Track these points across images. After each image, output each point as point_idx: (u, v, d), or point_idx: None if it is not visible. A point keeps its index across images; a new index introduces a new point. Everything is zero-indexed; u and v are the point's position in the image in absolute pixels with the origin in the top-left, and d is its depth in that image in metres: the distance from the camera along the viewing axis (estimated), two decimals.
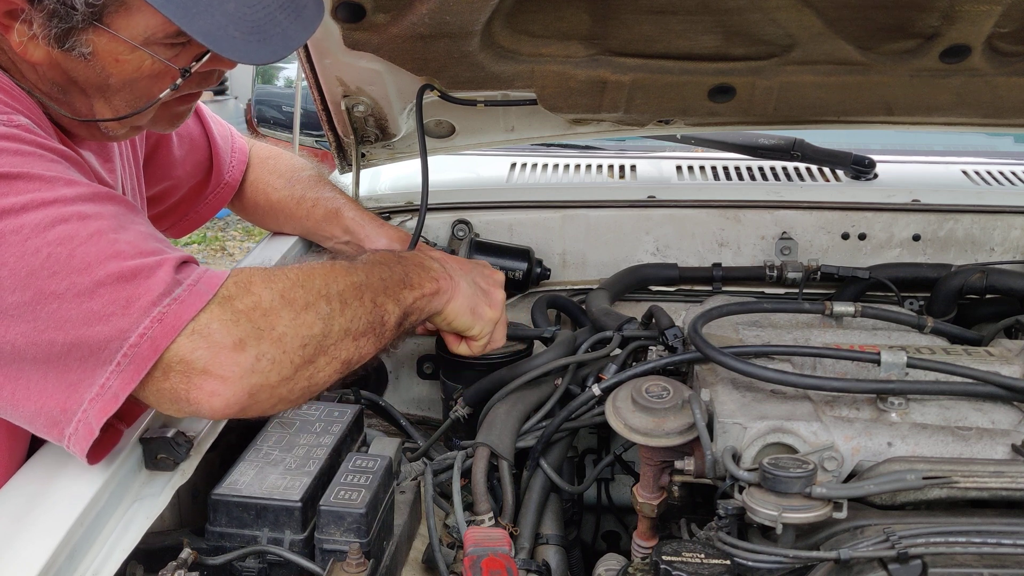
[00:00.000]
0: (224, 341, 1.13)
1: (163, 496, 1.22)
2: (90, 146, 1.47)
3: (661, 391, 1.51)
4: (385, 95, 1.99)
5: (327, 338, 1.25)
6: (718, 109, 1.99)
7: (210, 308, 1.14)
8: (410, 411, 2.30)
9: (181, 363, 1.12)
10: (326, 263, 1.34)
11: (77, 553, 1.08)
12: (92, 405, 1.10)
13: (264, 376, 1.17)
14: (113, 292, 1.10)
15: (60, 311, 1.09)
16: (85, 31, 1.20)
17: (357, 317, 1.30)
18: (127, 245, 1.13)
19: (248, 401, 1.16)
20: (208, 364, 1.12)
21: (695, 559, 1.20)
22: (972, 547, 1.20)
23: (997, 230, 2.24)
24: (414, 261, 1.50)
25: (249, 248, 5.58)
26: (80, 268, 1.09)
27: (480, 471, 1.55)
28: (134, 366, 1.10)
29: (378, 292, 1.36)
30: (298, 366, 1.21)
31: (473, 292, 1.57)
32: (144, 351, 1.10)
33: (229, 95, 9.59)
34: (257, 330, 1.17)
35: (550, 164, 2.55)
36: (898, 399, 1.42)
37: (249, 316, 1.17)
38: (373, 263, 1.41)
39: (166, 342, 1.11)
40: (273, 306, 1.20)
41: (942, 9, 1.68)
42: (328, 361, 1.25)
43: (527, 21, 1.77)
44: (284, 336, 1.19)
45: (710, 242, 2.29)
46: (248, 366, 1.15)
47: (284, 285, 1.23)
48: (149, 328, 1.10)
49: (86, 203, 1.15)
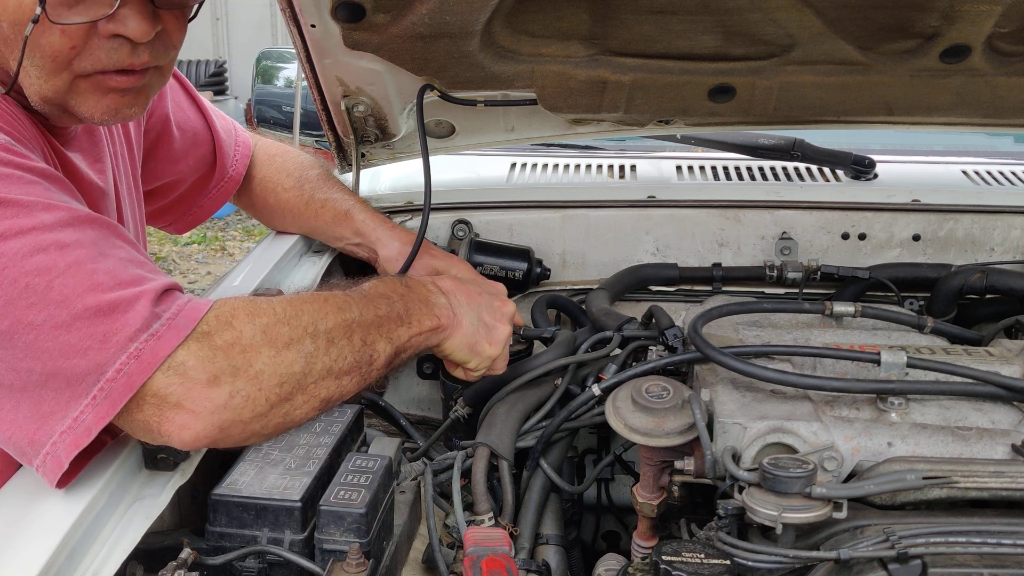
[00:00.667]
0: (199, 377, 1.12)
1: (163, 496, 1.22)
2: (80, 144, 1.45)
3: (661, 391, 1.51)
4: (385, 95, 1.99)
5: (307, 377, 1.21)
6: (718, 109, 1.99)
7: (187, 344, 1.12)
8: (410, 411, 2.30)
9: (155, 397, 1.11)
10: (319, 296, 1.30)
11: (77, 553, 1.08)
12: (62, 439, 1.09)
13: (236, 412, 1.15)
14: (90, 326, 1.08)
15: (37, 342, 1.07)
16: None
17: (342, 356, 1.26)
18: (106, 276, 1.11)
19: (219, 435, 1.15)
20: (181, 399, 1.11)
21: (695, 559, 1.20)
22: (972, 547, 1.20)
23: (997, 230, 2.24)
24: (419, 295, 1.44)
25: (249, 248, 5.58)
26: (58, 300, 1.08)
27: (480, 471, 1.55)
28: (109, 401, 1.09)
29: (370, 329, 1.31)
30: (273, 404, 1.18)
31: (475, 329, 1.51)
32: (120, 386, 1.09)
33: (229, 95, 9.61)
34: (233, 367, 1.15)
35: (550, 164, 2.55)
36: (898, 399, 1.42)
37: (227, 352, 1.15)
38: (372, 296, 1.37)
39: (142, 378, 1.09)
40: (253, 342, 1.17)
41: (942, 9, 1.68)
42: (306, 399, 1.23)
43: (527, 21, 1.77)
44: (261, 374, 1.17)
45: (710, 242, 2.29)
46: (221, 402, 1.13)
47: (268, 321, 1.20)
48: (126, 364, 1.09)
49: (65, 229, 1.12)
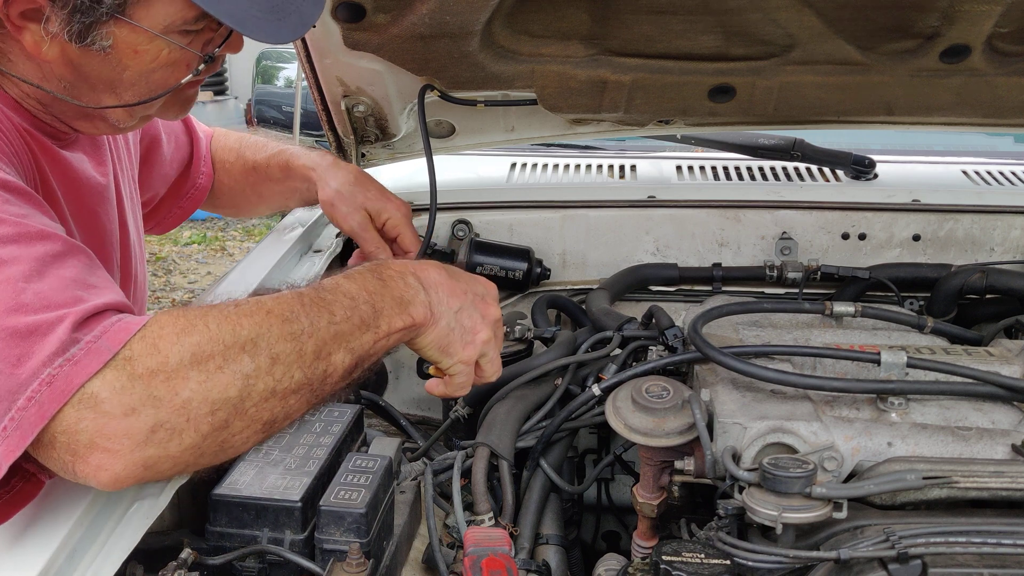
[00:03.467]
0: (113, 411, 1.01)
1: (163, 496, 1.22)
2: (82, 146, 1.46)
3: (661, 391, 1.51)
4: (385, 95, 1.99)
5: (245, 400, 1.09)
6: (718, 109, 1.99)
7: (103, 373, 1.02)
8: (410, 411, 2.29)
9: (65, 434, 1.01)
10: (262, 306, 1.15)
11: (77, 553, 1.08)
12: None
13: (162, 447, 1.04)
14: (5, 348, 1.01)
15: None
16: (106, 24, 1.19)
17: (288, 373, 1.13)
18: (35, 297, 1.04)
19: (144, 473, 1.05)
20: (94, 436, 1.01)
21: (695, 559, 1.20)
22: (972, 547, 1.20)
23: (997, 230, 2.24)
24: (393, 292, 1.28)
25: (249, 248, 5.58)
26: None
27: (480, 471, 1.55)
28: (20, 432, 1.00)
29: (325, 340, 1.17)
30: (205, 434, 1.07)
31: (450, 330, 1.34)
32: (30, 417, 1.00)
33: (229, 95, 9.59)
34: (154, 397, 1.03)
35: (550, 164, 2.56)
36: (898, 399, 1.42)
37: (147, 381, 1.03)
38: (332, 300, 1.21)
39: (53, 408, 1.00)
40: (180, 367, 1.05)
41: (942, 9, 1.68)
42: (245, 425, 1.11)
43: (527, 21, 1.77)
44: (189, 402, 1.05)
45: (710, 242, 2.29)
46: (141, 438, 1.02)
47: (199, 339, 1.08)
48: (37, 391, 1.00)
49: (6, 246, 1.07)
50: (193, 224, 7.95)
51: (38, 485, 1.12)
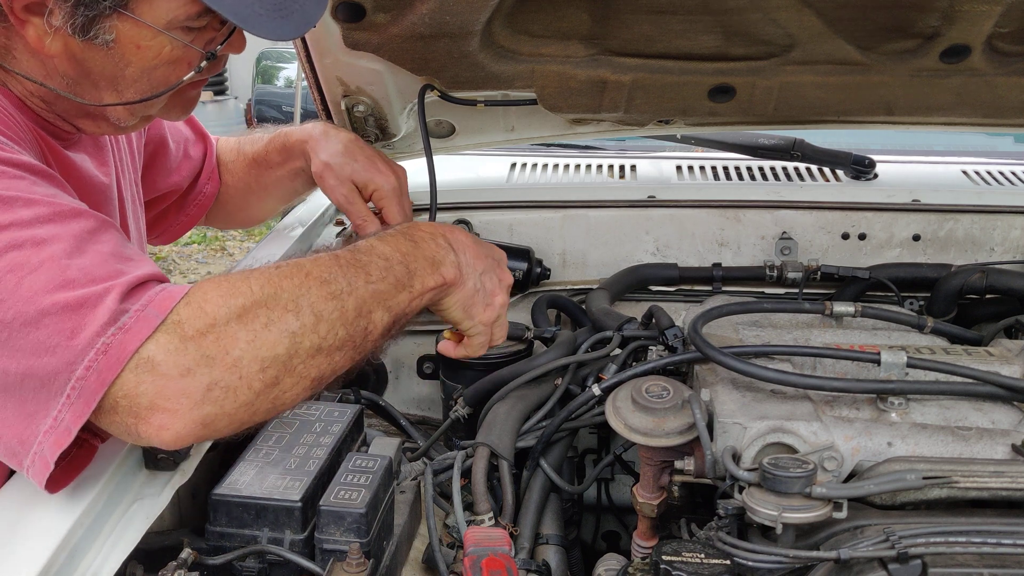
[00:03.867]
0: (170, 372, 1.06)
1: (163, 496, 1.22)
2: (85, 146, 1.46)
3: (661, 391, 1.51)
4: (385, 95, 1.99)
5: (294, 358, 1.14)
6: (718, 109, 1.99)
7: (156, 337, 1.06)
8: (410, 411, 2.30)
9: (126, 398, 1.06)
10: (301, 268, 1.20)
11: (77, 553, 1.08)
12: (46, 438, 1.06)
13: (219, 405, 1.08)
14: (58, 323, 1.05)
15: (10, 340, 1.05)
16: (109, 18, 1.20)
17: (333, 330, 1.17)
18: (79, 272, 1.08)
19: (202, 431, 1.09)
20: (154, 398, 1.06)
21: (695, 559, 1.20)
22: (972, 547, 1.20)
23: (997, 230, 2.24)
24: (424, 253, 1.34)
25: (249, 248, 5.58)
26: (27, 297, 1.05)
27: (480, 471, 1.55)
28: (83, 400, 1.05)
29: (365, 299, 1.22)
30: (258, 391, 1.11)
31: (474, 292, 1.42)
32: (91, 384, 1.04)
33: (229, 95, 9.60)
34: (207, 357, 1.07)
35: (550, 164, 2.56)
36: (898, 399, 1.42)
37: (198, 342, 1.08)
38: (367, 262, 1.26)
39: (112, 375, 1.04)
40: (228, 328, 1.10)
41: (942, 9, 1.68)
42: (295, 381, 1.15)
43: (527, 21, 1.77)
44: (241, 360, 1.09)
45: (710, 242, 2.29)
46: (199, 396, 1.07)
47: (243, 301, 1.12)
48: (95, 360, 1.04)
49: (44, 225, 1.10)
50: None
51: (92, 450, 1.16)
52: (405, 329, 1.36)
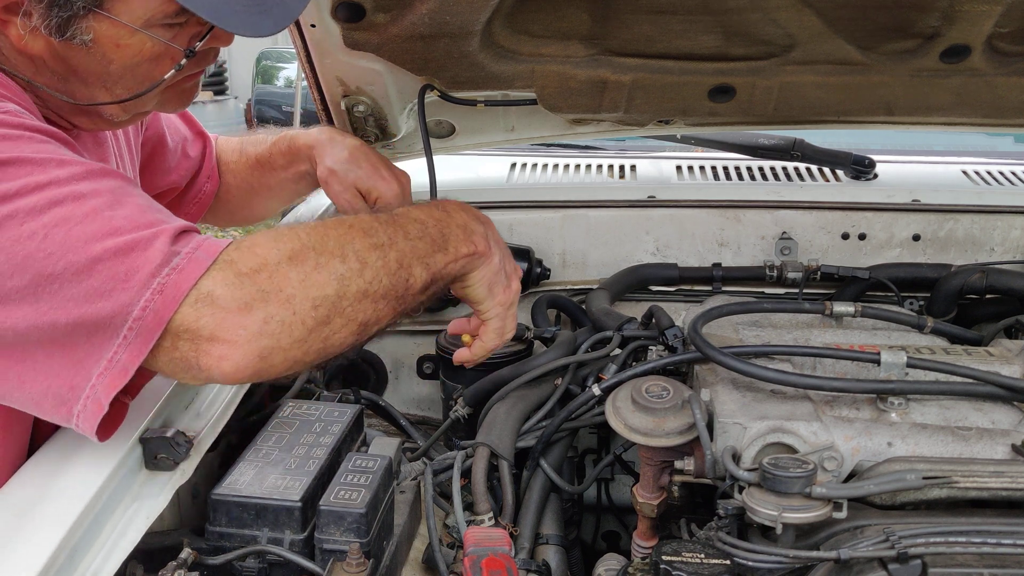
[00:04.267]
0: (229, 305, 1.12)
1: (163, 496, 1.22)
2: (85, 144, 1.47)
3: (661, 391, 1.51)
4: (385, 95, 1.99)
5: (342, 299, 1.20)
6: (718, 109, 1.99)
7: (211, 273, 1.12)
8: (410, 411, 2.30)
9: (187, 331, 1.11)
10: (343, 221, 1.28)
11: (77, 553, 1.08)
12: (100, 380, 1.10)
13: (275, 339, 1.14)
14: (111, 267, 1.09)
15: (60, 292, 1.08)
16: (85, 18, 1.20)
17: (377, 278, 1.24)
18: (124, 220, 1.12)
19: (260, 364, 1.15)
20: (215, 330, 1.11)
21: (695, 559, 1.20)
22: (972, 547, 1.20)
23: (997, 230, 2.24)
24: (457, 221, 1.41)
25: None
26: (76, 247, 1.09)
27: (480, 471, 1.55)
28: (140, 339, 1.10)
29: (404, 253, 1.29)
30: (311, 328, 1.17)
31: (499, 269, 1.48)
32: (148, 323, 1.09)
33: (229, 95, 9.59)
34: (263, 292, 1.14)
35: (550, 164, 2.55)
36: (898, 399, 1.42)
37: (253, 278, 1.14)
38: (406, 222, 1.33)
39: (169, 312, 1.10)
40: (280, 267, 1.16)
41: (942, 9, 1.68)
42: (344, 323, 1.21)
43: (527, 21, 1.77)
44: (293, 297, 1.16)
45: (710, 242, 2.29)
46: (256, 329, 1.13)
47: (292, 245, 1.19)
48: (151, 300, 1.09)
49: (80, 182, 1.13)
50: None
51: (124, 409, 1.19)
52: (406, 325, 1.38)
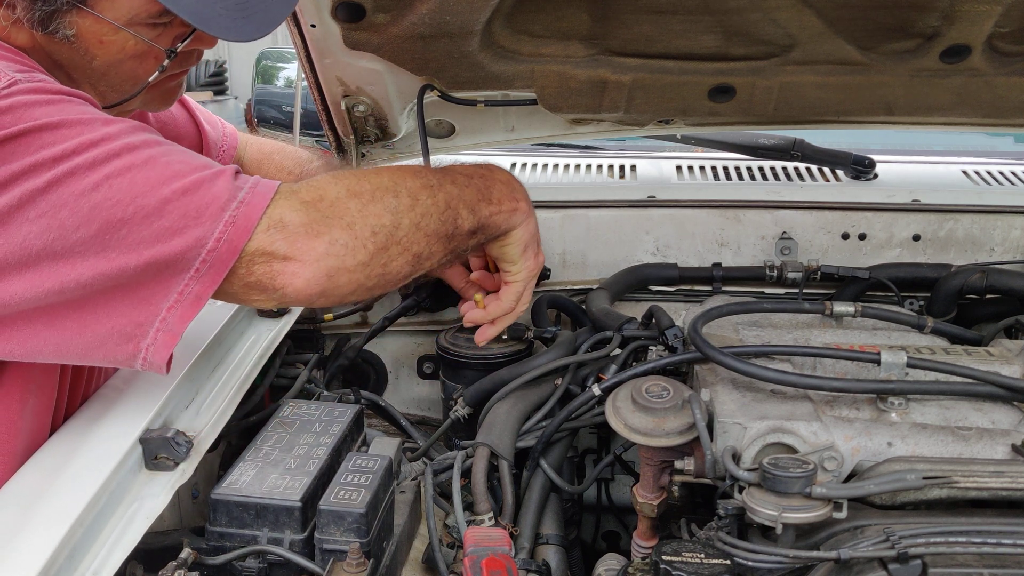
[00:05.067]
0: (298, 229, 1.21)
1: (163, 496, 1.22)
2: None
3: (661, 391, 1.51)
4: (385, 95, 1.99)
5: (398, 229, 1.29)
6: (718, 109, 1.99)
7: (278, 201, 1.21)
8: (410, 411, 2.29)
9: (263, 255, 1.20)
10: (393, 166, 1.38)
11: (77, 553, 1.08)
12: (172, 312, 1.16)
13: (340, 259, 1.23)
14: (181, 206, 1.15)
15: (130, 235, 1.13)
16: (68, 13, 1.22)
17: (428, 215, 1.33)
18: (181, 164, 1.18)
19: (327, 283, 1.24)
20: (288, 251, 1.20)
21: (695, 559, 1.20)
22: (972, 547, 1.20)
23: (997, 230, 2.24)
24: (500, 177, 1.51)
25: None
26: (143, 191, 1.13)
27: (480, 471, 1.55)
28: (215, 269, 1.17)
29: (452, 196, 1.38)
30: (372, 253, 1.26)
31: (535, 234, 1.59)
32: (223, 253, 1.17)
33: (229, 95, 9.59)
34: (326, 218, 1.23)
35: (550, 164, 2.55)
36: (898, 399, 1.42)
37: (316, 206, 1.23)
38: (453, 173, 1.43)
39: (243, 240, 1.18)
40: (339, 197, 1.26)
41: (942, 9, 1.68)
42: (400, 251, 1.30)
43: (527, 21, 1.77)
44: (353, 224, 1.25)
45: (710, 242, 2.29)
46: (323, 250, 1.22)
47: (349, 181, 1.29)
48: (224, 232, 1.16)
49: (130, 135, 1.17)
50: None
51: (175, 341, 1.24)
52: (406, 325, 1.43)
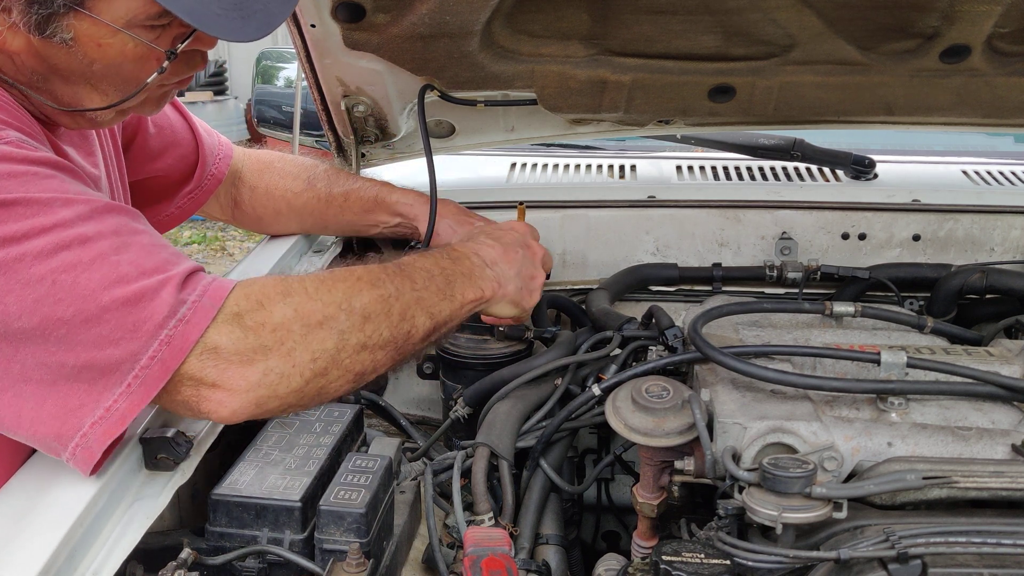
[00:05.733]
0: (232, 358, 1.17)
1: (163, 496, 1.22)
2: (71, 138, 1.45)
3: (661, 391, 1.51)
4: (385, 95, 1.99)
5: (341, 352, 1.25)
6: (718, 109, 1.99)
7: (217, 325, 1.16)
8: (410, 411, 2.29)
9: (192, 379, 1.16)
10: (351, 273, 1.32)
11: (77, 553, 1.08)
12: (94, 429, 1.12)
13: (272, 388, 1.20)
14: (120, 317, 1.11)
15: (70, 335, 1.10)
16: (66, 16, 1.19)
17: (378, 332, 1.29)
18: (130, 266, 1.14)
19: (255, 410, 1.20)
20: (217, 379, 1.16)
21: (695, 559, 1.20)
22: (972, 547, 1.20)
23: (997, 230, 2.24)
24: (463, 269, 1.48)
25: (249, 248, 5.58)
26: (85, 295, 1.10)
27: (480, 471, 1.55)
28: (144, 387, 1.13)
29: (409, 304, 1.34)
30: (308, 379, 1.22)
31: (517, 289, 1.57)
32: (154, 373, 1.13)
33: (229, 95, 9.59)
34: (265, 346, 1.19)
35: (550, 164, 2.56)
36: (898, 399, 1.42)
37: (257, 332, 1.19)
38: (411, 272, 1.39)
39: (176, 363, 1.14)
40: (284, 321, 1.21)
41: (942, 9, 1.68)
42: (340, 374, 1.26)
43: (527, 21, 1.77)
44: (293, 351, 1.21)
45: (710, 242, 2.29)
46: (256, 380, 1.18)
47: (299, 300, 1.24)
48: (158, 351, 1.13)
49: (86, 223, 1.14)
50: (193, 224, 7.94)
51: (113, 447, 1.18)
52: None
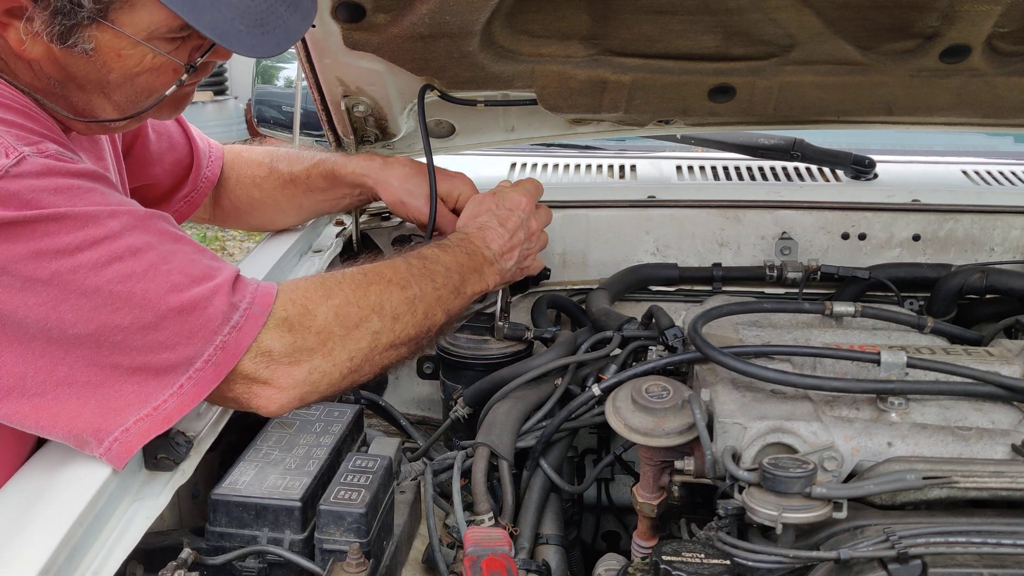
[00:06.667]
0: (282, 359, 1.27)
1: (163, 496, 1.22)
2: (82, 143, 1.46)
3: (661, 391, 1.51)
4: (385, 95, 1.99)
5: (374, 351, 1.37)
6: (718, 109, 1.99)
7: (268, 330, 1.26)
8: (410, 411, 2.30)
9: (245, 378, 1.25)
10: (383, 275, 1.43)
11: (77, 553, 1.08)
12: (137, 426, 1.17)
13: (314, 385, 1.31)
14: (177, 324, 1.18)
15: (125, 340, 1.16)
16: (88, 27, 1.21)
17: (405, 331, 1.41)
18: (180, 275, 1.20)
19: (299, 404, 1.31)
20: (268, 378, 1.26)
21: (695, 559, 1.20)
22: (972, 547, 1.20)
23: (997, 230, 2.24)
24: (475, 265, 1.62)
25: (249, 248, 5.58)
26: (142, 304, 1.16)
27: (480, 471, 1.55)
28: (197, 388, 1.20)
29: (431, 303, 1.47)
30: (344, 375, 1.34)
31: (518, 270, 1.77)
32: (208, 374, 1.21)
33: (229, 95, 9.58)
34: (310, 348, 1.30)
35: (550, 164, 2.55)
36: (898, 399, 1.42)
37: (304, 335, 1.29)
38: (436, 269, 1.51)
39: (230, 366, 1.22)
40: (326, 324, 1.32)
41: (942, 9, 1.68)
42: (371, 368, 1.39)
43: (527, 21, 1.77)
44: (334, 351, 1.32)
45: (710, 242, 2.29)
46: (302, 378, 1.29)
47: (339, 302, 1.35)
48: (213, 355, 1.21)
49: (133, 232, 1.19)
50: (193, 225, 7.94)
51: None
52: None
